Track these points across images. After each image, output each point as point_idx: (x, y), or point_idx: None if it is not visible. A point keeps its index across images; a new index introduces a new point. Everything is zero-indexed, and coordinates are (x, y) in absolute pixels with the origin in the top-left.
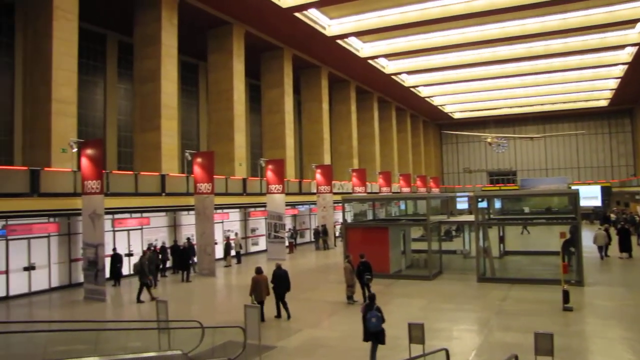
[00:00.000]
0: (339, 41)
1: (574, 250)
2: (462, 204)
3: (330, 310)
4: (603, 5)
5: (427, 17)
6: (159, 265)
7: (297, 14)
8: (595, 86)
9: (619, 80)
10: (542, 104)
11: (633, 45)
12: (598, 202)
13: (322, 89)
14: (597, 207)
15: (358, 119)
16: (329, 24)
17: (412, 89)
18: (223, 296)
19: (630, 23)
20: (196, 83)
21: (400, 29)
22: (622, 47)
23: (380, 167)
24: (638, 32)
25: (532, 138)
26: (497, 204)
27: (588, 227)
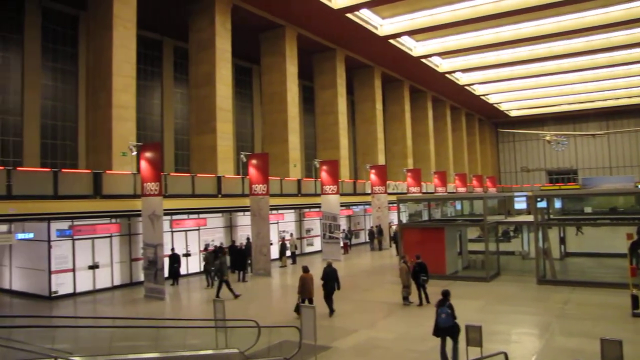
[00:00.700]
0: (392, 40)
1: None
2: (520, 204)
3: (386, 311)
4: None
5: (480, 14)
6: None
7: (349, 15)
8: None
9: None
10: (605, 100)
11: None
12: None
13: (375, 89)
14: None
15: (412, 119)
16: (381, 24)
17: (467, 87)
18: (278, 296)
19: None
20: (250, 86)
21: (453, 27)
22: None
23: (435, 167)
24: None
25: (594, 135)
26: (558, 204)
27: None
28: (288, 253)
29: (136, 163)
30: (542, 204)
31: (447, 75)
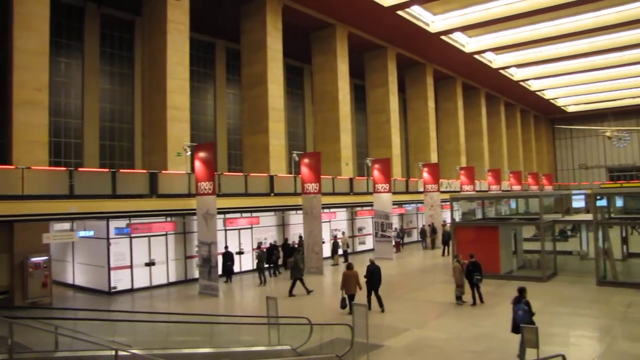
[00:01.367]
0: (444, 37)
1: None
2: (579, 202)
3: (438, 310)
4: None
5: (536, 7)
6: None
7: (400, 12)
8: None
9: None
10: None
11: None
12: None
13: (428, 87)
14: None
15: (465, 116)
16: (433, 20)
17: (522, 83)
18: (330, 294)
19: None
20: (301, 85)
21: (507, 21)
22: None
23: (489, 165)
24: None
25: None
26: (619, 202)
27: None
28: (340, 251)
29: (190, 163)
30: (602, 202)
31: (501, 71)
